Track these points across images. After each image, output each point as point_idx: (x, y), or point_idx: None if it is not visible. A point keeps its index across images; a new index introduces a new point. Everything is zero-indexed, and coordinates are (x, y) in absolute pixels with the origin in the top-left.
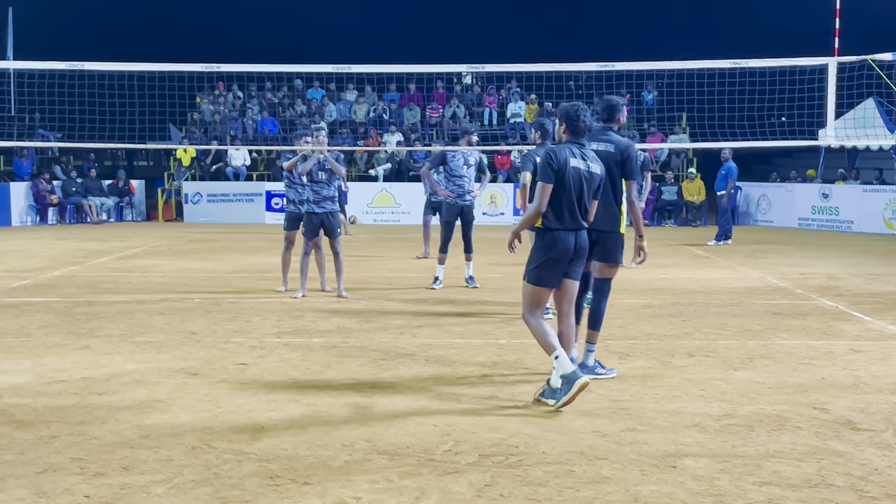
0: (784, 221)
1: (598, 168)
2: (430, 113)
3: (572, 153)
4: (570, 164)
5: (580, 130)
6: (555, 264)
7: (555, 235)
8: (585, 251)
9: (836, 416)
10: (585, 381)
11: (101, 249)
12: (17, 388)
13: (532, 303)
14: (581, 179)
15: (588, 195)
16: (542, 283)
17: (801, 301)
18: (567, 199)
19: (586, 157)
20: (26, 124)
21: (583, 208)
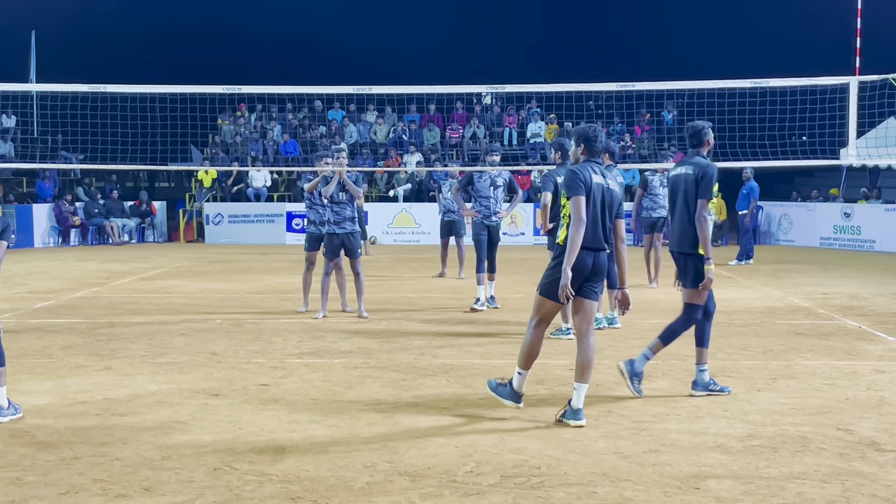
0: (806, 241)
1: (616, 186)
2: (449, 133)
3: (593, 170)
4: (593, 180)
5: (597, 151)
6: (574, 279)
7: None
8: (603, 272)
9: (860, 437)
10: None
11: (122, 270)
12: (40, 409)
13: (537, 312)
14: (603, 196)
15: (610, 213)
16: (550, 296)
17: (824, 321)
18: (590, 216)
19: (606, 175)
20: (49, 146)
21: (605, 227)
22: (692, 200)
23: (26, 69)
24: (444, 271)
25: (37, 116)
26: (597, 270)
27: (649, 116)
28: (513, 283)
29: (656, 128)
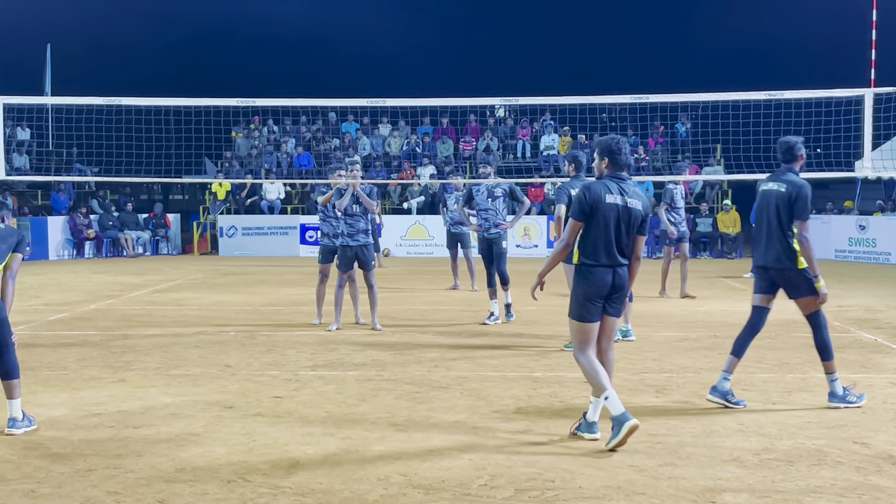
0: (821, 253)
1: (637, 203)
2: (463, 146)
3: (608, 189)
4: (605, 200)
5: (621, 164)
6: (593, 299)
7: (590, 271)
8: (623, 288)
9: (876, 450)
10: (635, 424)
11: (136, 283)
12: (54, 421)
13: (579, 339)
14: (618, 216)
15: (627, 231)
16: (584, 318)
17: (840, 334)
18: (603, 236)
19: (625, 192)
20: (64, 159)
21: (621, 245)
22: (785, 218)
23: (42, 82)
24: (456, 283)
25: (52, 129)
26: (616, 287)
27: (663, 129)
28: (526, 295)
29: (670, 140)
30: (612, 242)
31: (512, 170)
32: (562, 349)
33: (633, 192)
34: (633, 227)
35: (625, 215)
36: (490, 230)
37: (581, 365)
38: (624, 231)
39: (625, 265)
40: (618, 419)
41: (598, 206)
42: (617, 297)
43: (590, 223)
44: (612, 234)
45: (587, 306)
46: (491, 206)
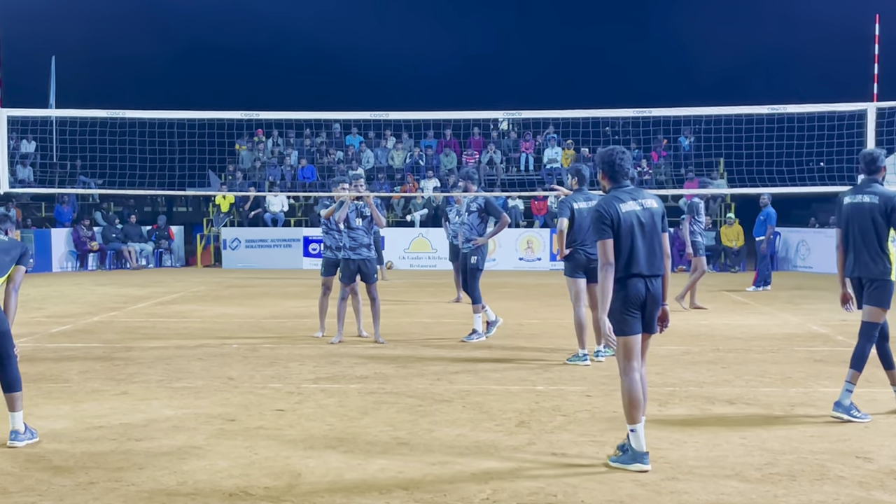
0: (823, 267)
1: (653, 202)
2: (466, 159)
3: (620, 199)
4: (622, 211)
5: (619, 174)
6: (630, 310)
7: (623, 282)
8: (657, 299)
9: (879, 465)
10: (646, 469)
11: (140, 295)
12: (56, 433)
13: (623, 355)
14: (640, 220)
15: (654, 234)
16: (625, 331)
17: (843, 348)
18: (631, 246)
19: (636, 198)
20: (68, 171)
21: (650, 251)
22: (883, 230)
23: (46, 95)
24: (459, 296)
25: (56, 141)
26: (651, 298)
27: (666, 142)
28: (529, 309)
29: (673, 153)
30: (641, 252)
31: (515, 183)
32: (564, 363)
33: (644, 195)
34: (657, 228)
35: (646, 217)
36: (464, 244)
37: (622, 386)
38: (650, 235)
39: (659, 276)
40: (636, 453)
41: (619, 220)
42: (652, 308)
43: (617, 237)
44: (640, 242)
45: (626, 318)
46: (467, 220)
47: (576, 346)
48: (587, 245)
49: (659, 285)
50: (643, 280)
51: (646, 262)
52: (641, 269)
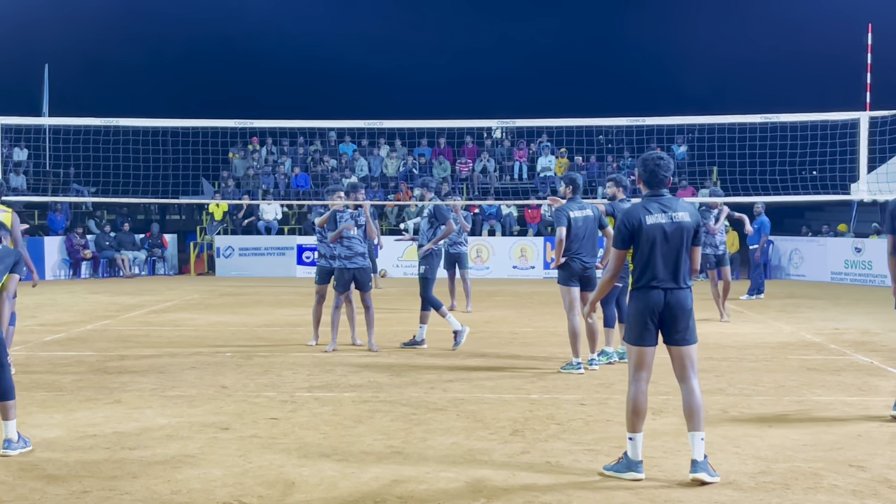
0: (817, 276)
1: (685, 216)
2: (459, 167)
3: (648, 210)
4: (646, 223)
5: (655, 182)
6: (646, 321)
7: (641, 293)
8: (681, 311)
9: (873, 473)
10: (641, 478)
11: (133, 303)
12: (50, 442)
13: (633, 364)
14: (665, 234)
15: (680, 248)
16: (638, 341)
17: (836, 356)
18: (651, 257)
19: (667, 209)
20: (61, 179)
21: (677, 264)
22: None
23: (39, 103)
24: (453, 304)
25: (49, 150)
26: (671, 309)
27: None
28: (523, 317)
29: None
30: (660, 266)
31: (509, 191)
32: (558, 371)
33: (678, 206)
34: (685, 242)
35: (673, 232)
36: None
37: (628, 394)
38: (675, 249)
39: (683, 287)
40: (631, 462)
41: (640, 231)
42: (675, 321)
43: (636, 247)
44: (660, 256)
45: (638, 328)
46: (421, 226)
47: (570, 355)
48: (582, 254)
49: (683, 297)
50: (662, 291)
51: (666, 273)
52: (660, 280)
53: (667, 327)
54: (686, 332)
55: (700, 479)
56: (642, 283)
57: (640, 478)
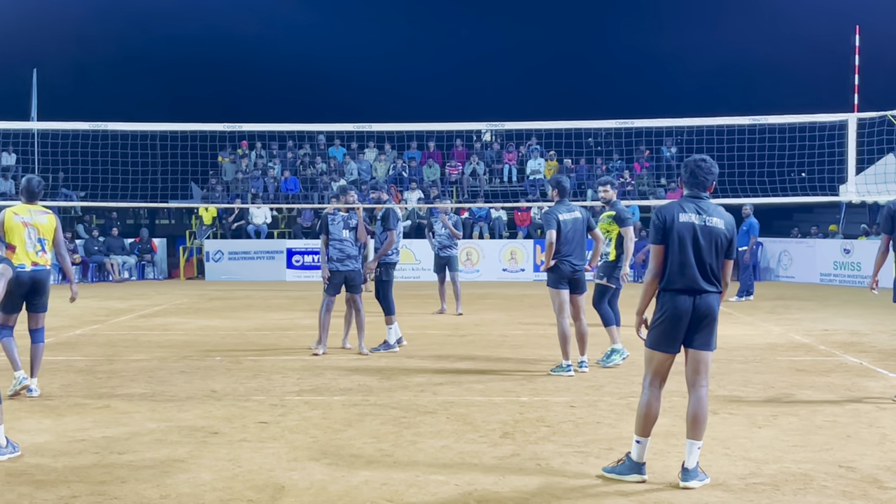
0: (806, 277)
1: (719, 222)
2: (449, 170)
3: (682, 209)
4: (678, 219)
5: (695, 183)
6: (670, 328)
7: (668, 296)
8: (708, 317)
9: (862, 474)
10: (643, 480)
11: (122, 308)
12: (38, 447)
13: (649, 368)
14: (696, 234)
15: (710, 252)
16: (657, 346)
17: (825, 357)
18: (679, 258)
19: (703, 211)
20: (49, 184)
21: (704, 268)
22: None
23: (28, 107)
24: (443, 307)
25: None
26: (699, 315)
27: (648, 153)
28: (512, 320)
29: (655, 164)
30: (690, 265)
31: (499, 194)
32: (548, 373)
33: (713, 211)
34: (716, 247)
35: (705, 234)
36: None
37: (641, 397)
38: (706, 251)
39: (711, 292)
40: (635, 464)
41: (672, 226)
42: (701, 327)
43: (667, 245)
44: (691, 255)
45: (662, 334)
46: (377, 231)
47: (559, 357)
48: (571, 256)
49: (711, 300)
50: (689, 296)
51: (695, 276)
52: (685, 284)
53: (690, 330)
54: (708, 337)
55: (690, 487)
56: (671, 285)
57: (644, 479)
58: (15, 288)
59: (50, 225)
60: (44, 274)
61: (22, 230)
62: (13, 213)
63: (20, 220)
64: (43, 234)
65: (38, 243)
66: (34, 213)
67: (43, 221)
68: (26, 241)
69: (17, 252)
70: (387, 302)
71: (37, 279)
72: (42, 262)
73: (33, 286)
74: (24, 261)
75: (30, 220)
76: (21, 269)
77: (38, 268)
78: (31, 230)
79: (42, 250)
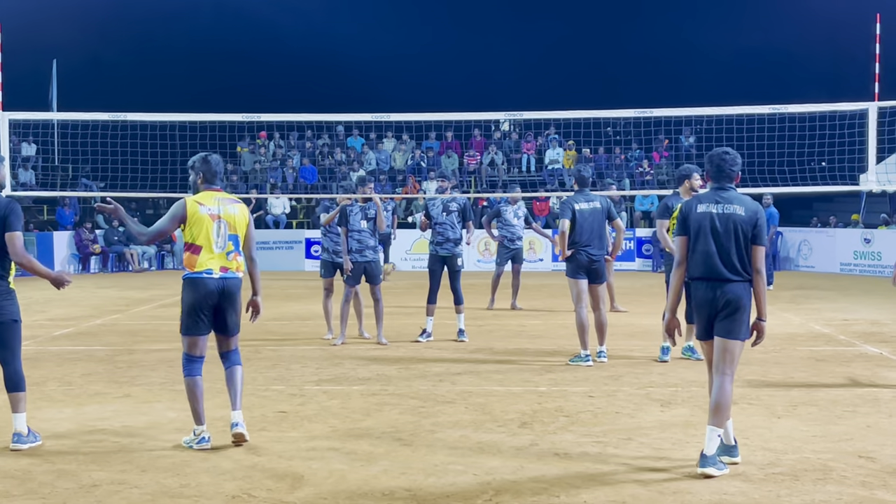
0: (826, 267)
1: (739, 209)
2: (467, 160)
3: (699, 200)
4: (695, 210)
5: (719, 175)
6: (700, 315)
7: (692, 286)
8: (731, 306)
9: (882, 464)
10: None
11: (142, 297)
12: (59, 436)
13: (708, 361)
14: (714, 223)
15: (729, 240)
16: (703, 336)
17: (845, 347)
18: (699, 247)
19: (721, 201)
20: (69, 174)
21: (723, 255)
22: None
23: (48, 98)
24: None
25: (57, 145)
26: (723, 304)
27: (668, 142)
28: (531, 310)
29: (675, 154)
30: (710, 254)
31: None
32: (566, 363)
33: (733, 199)
34: (738, 234)
35: (723, 222)
36: (444, 245)
37: None
38: (725, 240)
39: (735, 280)
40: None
41: (690, 216)
42: (725, 315)
43: (689, 236)
44: (711, 244)
45: (699, 323)
46: (446, 220)
47: (578, 347)
48: (589, 246)
49: (734, 290)
50: (711, 285)
51: (713, 268)
52: (706, 273)
53: (715, 318)
54: (731, 325)
55: (707, 473)
56: (693, 274)
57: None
58: (200, 300)
59: (243, 218)
60: (235, 284)
61: (210, 225)
62: (197, 202)
63: (207, 212)
64: (235, 230)
65: (230, 241)
66: (223, 202)
67: (235, 213)
68: (214, 239)
69: (200, 254)
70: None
71: (227, 290)
72: (233, 266)
73: (222, 299)
74: (210, 265)
75: (218, 212)
76: (207, 275)
77: (229, 275)
78: (221, 224)
79: (234, 251)
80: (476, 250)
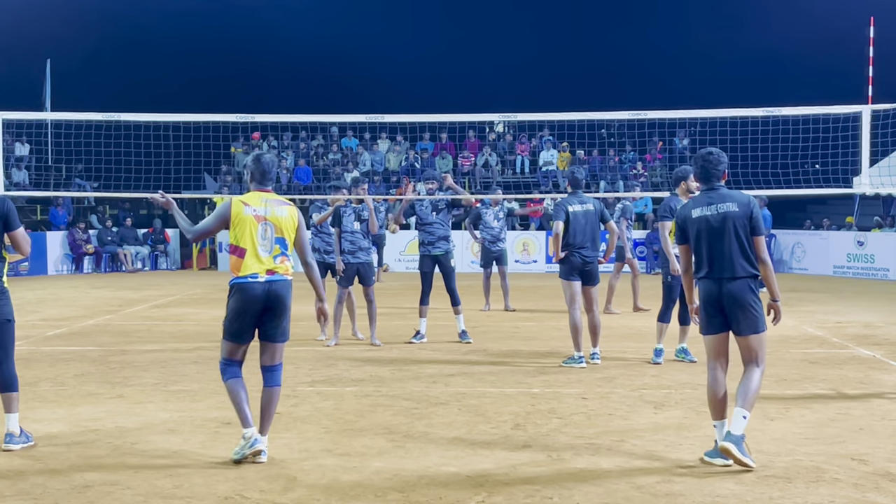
0: (819, 269)
1: (732, 206)
2: (462, 161)
3: (695, 204)
4: (691, 216)
5: (706, 177)
6: (708, 312)
7: (699, 284)
8: (737, 300)
9: (875, 467)
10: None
11: (135, 298)
12: (52, 436)
13: (707, 353)
14: (710, 225)
15: (729, 237)
16: (704, 330)
17: (838, 350)
18: (702, 250)
19: (714, 202)
20: (63, 174)
21: (724, 254)
22: None
23: (41, 98)
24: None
25: (51, 144)
26: (729, 300)
27: (661, 144)
28: (524, 311)
29: (668, 156)
30: (712, 255)
31: (511, 185)
32: (560, 365)
33: (725, 197)
34: (736, 231)
35: (717, 221)
36: (436, 244)
37: (707, 377)
38: (724, 238)
39: (741, 277)
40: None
41: (687, 223)
42: (733, 311)
43: (690, 241)
44: (711, 246)
45: (704, 319)
46: (435, 219)
47: (571, 349)
48: (582, 249)
49: (738, 288)
50: (716, 283)
51: (717, 264)
52: (710, 272)
53: (728, 317)
54: (745, 321)
55: (727, 447)
56: (698, 274)
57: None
58: (244, 305)
59: (291, 220)
60: (283, 287)
61: (255, 227)
62: (242, 203)
63: (252, 213)
64: (282, 233)
65: (277, 245)
66: (270, 203)
67: (282, 215)
68: (259, 241)
69: (245, 257)
70: None
71: (273, 294)
72: (281, 270)
73: (268, 303)
74: (255, 269)
75: (265, 214)
76: (253, 279)
77: (276, 277)
78: (268, 227)
79: (282, 254)
80: (470, 251)
